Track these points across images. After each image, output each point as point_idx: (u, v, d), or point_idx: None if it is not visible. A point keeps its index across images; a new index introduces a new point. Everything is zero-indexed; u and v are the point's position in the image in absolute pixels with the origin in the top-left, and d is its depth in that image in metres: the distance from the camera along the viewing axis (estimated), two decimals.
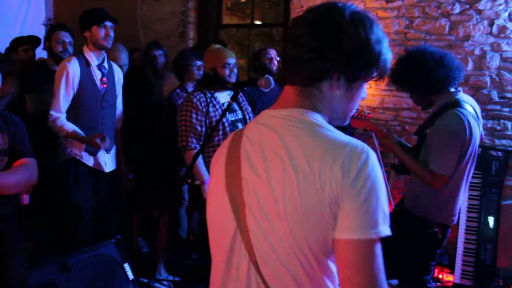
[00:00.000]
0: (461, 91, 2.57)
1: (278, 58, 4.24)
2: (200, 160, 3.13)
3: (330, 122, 1.15)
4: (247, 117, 3.35)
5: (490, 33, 3.92)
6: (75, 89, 3.06)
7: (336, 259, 1.04)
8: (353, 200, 0.99)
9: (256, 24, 5.75)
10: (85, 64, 3.09)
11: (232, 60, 3.19)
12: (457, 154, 2.41)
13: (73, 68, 3.03)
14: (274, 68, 4.20)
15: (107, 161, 3.23)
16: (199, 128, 3.09)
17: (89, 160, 3.14)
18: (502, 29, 3.87)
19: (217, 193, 1.20)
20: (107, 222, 3.28)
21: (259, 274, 1.09)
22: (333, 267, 1.09)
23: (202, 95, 3.16)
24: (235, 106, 3.32)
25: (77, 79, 3.05)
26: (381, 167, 1.09)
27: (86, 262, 2.76)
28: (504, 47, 3.87)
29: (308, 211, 1.02)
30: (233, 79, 3.20)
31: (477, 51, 3.96)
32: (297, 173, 1.04)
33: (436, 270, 3.90)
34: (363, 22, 1.09)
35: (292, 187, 1.04)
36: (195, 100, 3.12)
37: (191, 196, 3.17)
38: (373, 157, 1.03)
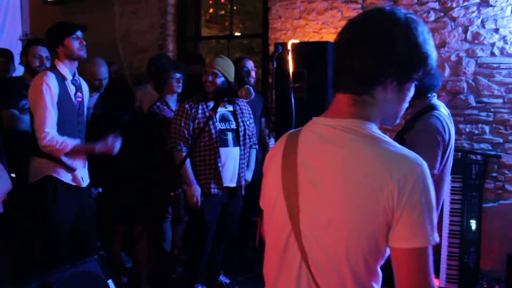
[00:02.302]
0: (436, 97, 2.65)
1: (255, 70, 4.22)
2: (188, 164, 3.32)
3: (381, 123, 1.23)
4: (241, 128, 3.42)
5: (465, 40, 4.00)
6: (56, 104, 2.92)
7: (394, 264, 1.14)
8: (410, 212, 1.09)
9: (235, 36, 5.77)
10: (61, 79, 2.96)
11: (213, 70, 3.35)
12: (440, 153, 2.46)
13: (52, 82, 2.89)
14: (252, 80, 4.15)
15: (84, 176, 3.13)
16: (186, 132, 3.33)
17: (65, 177, 3.00)
18: (476, 35, 3.95)
19: (274, 196, 1.29)
20: (86, 238, 3.19)
21: (310, 272, 1.19)
22: (379, 270, 1.20)
23: (195, 101, 3.39)
24: (230, 116, 3.43)
25: (56, 94, 2.91)
26: None
27: (69, 280, 2.68)
28: (479, 53, 3.95)
29: (363, 220, 1.12)
30: (209, 88, 3.34)
31: (453, 57, 4.03)
32: (354, 185, 1.12)
33: None
34: (412, 25, 1.13)
35: (348, 198, 1.13)
36: (186, 105, 3.37)
37: (174, 209, 3.18)
38: (426, 169, 1.11)
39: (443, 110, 2.56)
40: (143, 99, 4.18)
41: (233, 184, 3.43)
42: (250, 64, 4.15)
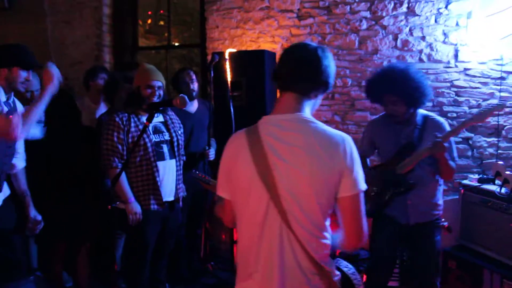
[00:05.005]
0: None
1: (196, 80, 4.12)
2: (123, 180, 3.14)
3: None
4: (174, 139, 3.33)
5: (395, 47, 4.18)
6: None
7: (342, 210, 1.67)
8: (350, 170, 1.64)
9: (173, 46, 5.74)
10: None
11: (157, 83, 3.23)
12: None
13: None
14: (194, 93, 4.10)
15: None
16: (120, 147, 3.14)
17: None
18: (405, 42, 4.14)
19: (248, 178, 1.68)
20: (16, 259, 2.98)
21: (290, 229, 1.64)
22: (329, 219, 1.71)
23: (126, 114, 3.21)
24: (162, 127, 3.33)
25: None
26: None
27: None
28: (409, 59, 4.14)
29: (323, 179, 1.62)
30: (154, 101, 3.19)
31: (385, 64, 4.20)
32: (314, 155, 1.61)
33: (365, 276, 4.01)
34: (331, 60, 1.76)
35: (312, 165, 1.61)
36: (117, 119, 3.17)
37: (113, 221, 3.09)
38: (351, 140, 1.68)
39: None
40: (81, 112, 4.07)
41: (171, 198, 3.33)
42: (192, 75, 4.10)
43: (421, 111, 3.01)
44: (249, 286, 1.74)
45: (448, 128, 2.93)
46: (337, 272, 1.75)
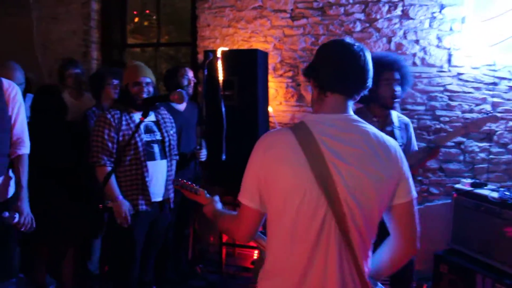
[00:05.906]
0: None
1: (194, 80, 4.14)
2: (112, 178, 3.03)
3: None
4: (166, 139, 3.24)
5: (389, 50, 4.16)
6: None
7: (397, 217, 1.62)
8: (406, 176, 1.60)
9: (162, 43, 5.64)
10: None
11: (145, 79, 3.13)
12: None
13: None
14: (191, 90, 4.07)
15: None
16: (110, 145, 3.05)
17: None
18: (399, 45, 4.13)
19: (302, 183, 1.49)
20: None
21: (347, 240, 1.50)
22: None
23: (118, 112, 3.12)
24: (154, 127, 3.24)
25: None
26: None
27: None
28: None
29: (386, 185, 1.55)
30: (150, 97, 3.11)
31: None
32: (378, 159, 1.53)
33: None
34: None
35: (378, 169, 1.52)
36: (109, 116, 3.08)
37: (100, 221, 2.99)
38: None
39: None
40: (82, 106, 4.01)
41: (160, 198, 3.24)
42: (190, 73, 4.07)
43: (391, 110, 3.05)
44: None
45: (411, 128, 3.05)
46: None
